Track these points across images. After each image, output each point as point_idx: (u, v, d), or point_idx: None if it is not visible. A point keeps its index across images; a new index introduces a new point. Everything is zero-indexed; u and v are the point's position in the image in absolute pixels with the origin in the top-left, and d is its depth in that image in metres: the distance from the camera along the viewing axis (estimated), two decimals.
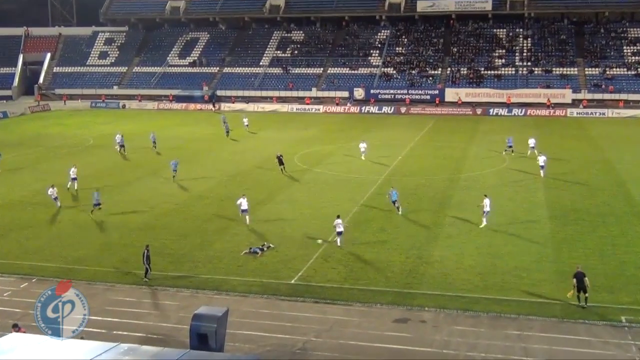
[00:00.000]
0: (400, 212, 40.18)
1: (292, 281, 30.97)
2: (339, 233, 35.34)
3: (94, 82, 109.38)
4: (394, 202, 40.61)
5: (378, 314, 27.57)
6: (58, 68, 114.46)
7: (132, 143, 63.70)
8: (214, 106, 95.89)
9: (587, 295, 27.26)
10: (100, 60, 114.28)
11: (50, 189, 43.34)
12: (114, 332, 25.73)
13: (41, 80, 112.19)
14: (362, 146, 57.16)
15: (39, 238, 37.89)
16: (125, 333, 25.53)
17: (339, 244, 35.22)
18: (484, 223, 37.82)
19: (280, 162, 52.23)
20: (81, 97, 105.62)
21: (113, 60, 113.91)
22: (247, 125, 73.98)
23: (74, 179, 48.24)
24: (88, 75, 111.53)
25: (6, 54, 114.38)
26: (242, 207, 38.97)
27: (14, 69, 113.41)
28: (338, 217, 36.17)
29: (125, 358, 17.04)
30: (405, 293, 29.40)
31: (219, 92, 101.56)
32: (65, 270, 32.65)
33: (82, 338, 20.50)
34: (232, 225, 39.13)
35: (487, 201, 38.28)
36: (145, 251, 31.27)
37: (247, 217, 38.99)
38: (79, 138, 72.17)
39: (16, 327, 23.11)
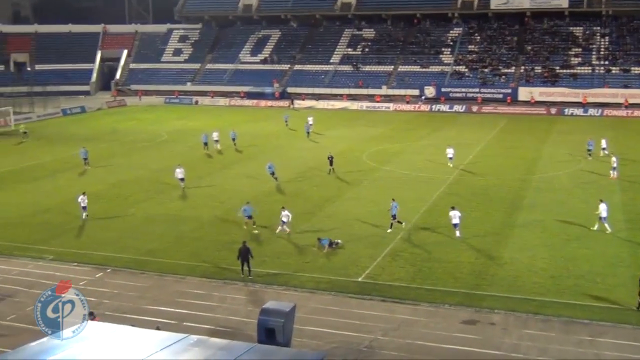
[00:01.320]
0: (403, 225, 37.41)
1: (360, 279, 30.95)
2: (455, 225, 36.00)
3: (168, 79, 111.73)
4: (393, 217, 37.34)
5: (446, 315, 27.28)
6: (134, 64, 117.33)
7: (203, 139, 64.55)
8: (292, 103, 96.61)
9: None
10: (175, 57, 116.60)
11: (81, 196, 40.94)
12: (184, 323, 26.21)
13: (118, 76, 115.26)
14: (450, 152, 53.51)
15: (113, 230, 38.94)
16: (194, 325, 25.97)
17: (458, 235, 35.82)
18: (609, 230, 36.41)
19: (330, 163, 51.61)
20: (156, 93, 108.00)
21: (187, 57, 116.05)
22: (311, 125, 72.27)
23: (182, 179, 47.63)
24: (162, 72, 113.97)
25: (85, 51, 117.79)
26: (283, 219, 37.07)
27: (92, 65, 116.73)
28: (453, 208, 36.72)
29: (194, 349, 17.35)
30: (474, 294, 29.01)
31: (290, 89, 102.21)
32: (138, 262, 33.50)
33: (157, 328, 20.99)
34: (301, 222, 39.33)
35: (602, 206, 36.73)
36: (246, 247, 31.45)
37: (286, 228, 37.11)
38: (152, 133, 73.77)
39: (91, 316, 23.72)
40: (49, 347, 17.56)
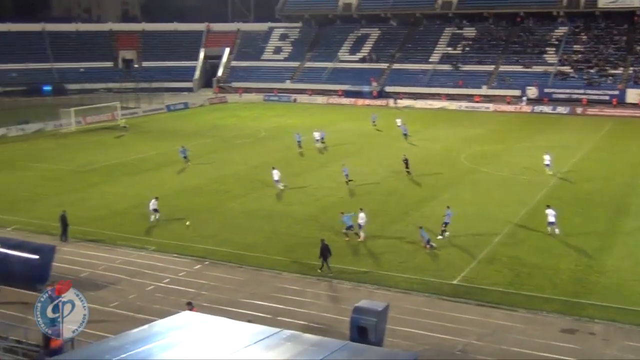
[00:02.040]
0: (444, 237, 35.90)
1: (455, 281, 30.53)
2: (551, 223, 36.09)
3: (268, 76, 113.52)
4: (444, 225, 36.29)
5: (543, 322, 26.53)
6: (235, 62, 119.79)
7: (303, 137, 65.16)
8: (395, 102, 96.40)
9: None
10: (275, 55, 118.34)
11: (153, 201, 40.63)
12: (278, 318, 26.58)
13: (219, 73, 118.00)
14: (547, 158, 50.59)
15: (212, 223, 39.89)
16: (288, 320, 26.29)
17: (557, 232, 35.96)
18: None
19: (406, 165, 50.46)
20: (255, 90, 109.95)
21: (286, 55, 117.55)
22: (400, 126, 70.66)
23: (277, 180, 47.39)
24: (263, 70, 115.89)
25: (189, 48, 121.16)
26: (360, 222, 36.35)
27: (195, 62, 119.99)
28: (548, 206, 36.92)
29: (287, 344, 17.59)
30: (573, 302, 28.08)
31: (387, 89, 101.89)
32: (236, 255, 34.19)
33: (249, 321, 21.38)
34: (395, 221, 39.18)
35: None
36: (325, 245, 31.83)
37: (361, 233, 36.36)
38: (251, 130, 75.07)
39: (190, 305, 24.45)
40: (149, 334, 18.19)
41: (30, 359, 21.86)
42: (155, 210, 40.41)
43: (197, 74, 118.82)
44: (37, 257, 29.75)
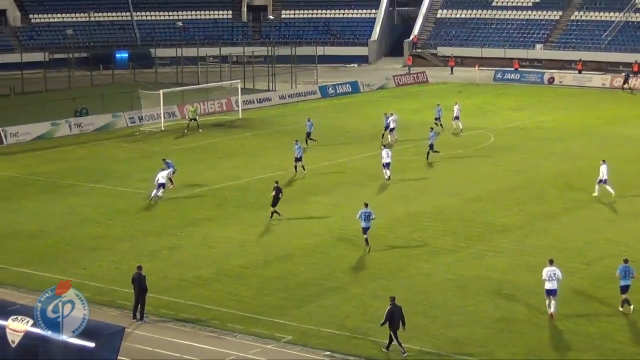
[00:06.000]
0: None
1: None
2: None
3: (502, 38, 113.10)
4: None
5: None
6: (444, 11, 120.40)
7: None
8: (626, 83, 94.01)
9: None
10: (516, 0, 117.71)
11: (163, 172, 49.36)
12: None
13: (415, 31, 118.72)
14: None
15: (386, 296, 39.35)
16: None
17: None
18: None
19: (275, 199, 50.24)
20: (479, 62, 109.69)
21: (538, 0, 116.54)
22: (458, 119, 72.23)
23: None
24: (493, 25, 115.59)
25: None
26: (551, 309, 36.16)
27: (373, 12, 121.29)
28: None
29: None
30: None
31: None
32: (435, 358, 33.72)
33: None
34: None
35: None
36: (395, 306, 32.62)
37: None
38: (469, 133, 74.65)
39: None
40: None
41: None
42: (161, 186, 46.83)
43: (377, 32, 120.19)
44: (92, 344, 30.80)
